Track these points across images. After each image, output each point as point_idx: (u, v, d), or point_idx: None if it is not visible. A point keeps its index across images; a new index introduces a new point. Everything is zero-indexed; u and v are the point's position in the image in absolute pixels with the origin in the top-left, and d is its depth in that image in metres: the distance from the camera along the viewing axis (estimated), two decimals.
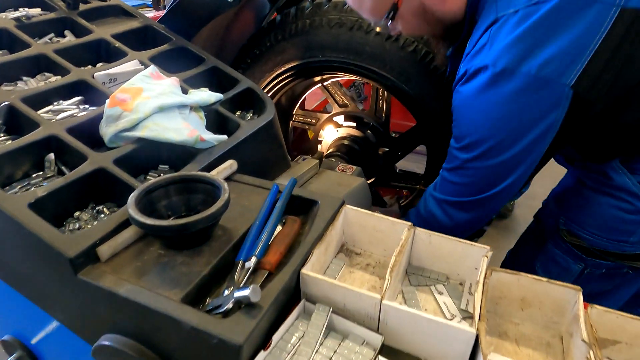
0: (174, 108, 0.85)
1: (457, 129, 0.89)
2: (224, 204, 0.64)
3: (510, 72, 0.77)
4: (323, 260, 0.71)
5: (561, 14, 0.74)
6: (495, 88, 0.79)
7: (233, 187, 0.82)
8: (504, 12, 0.79)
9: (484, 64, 0.78)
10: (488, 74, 0.79)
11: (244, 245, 0.65)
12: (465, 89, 0.83)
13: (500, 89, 0.78)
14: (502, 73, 0.77)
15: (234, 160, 0.85)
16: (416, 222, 1.06)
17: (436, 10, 0.88)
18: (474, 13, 0.87)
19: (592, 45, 0.73)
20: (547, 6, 0.74)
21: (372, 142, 1.43)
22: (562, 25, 0.74)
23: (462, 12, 0.88)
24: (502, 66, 0.77)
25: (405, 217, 1.10)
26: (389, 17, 0.89)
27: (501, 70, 0.77)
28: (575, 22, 0.74)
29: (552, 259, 1.02)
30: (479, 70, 0.80)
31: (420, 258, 0.74)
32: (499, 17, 0.79)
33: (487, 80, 0.79)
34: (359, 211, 0.75)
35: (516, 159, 0.83)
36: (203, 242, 0.67)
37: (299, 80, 1.33)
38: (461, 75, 0.84)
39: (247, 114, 1.08)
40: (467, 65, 0.83)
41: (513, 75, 0.76)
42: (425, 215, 0.99)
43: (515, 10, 0.77)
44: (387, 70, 1.12)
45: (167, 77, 0.95)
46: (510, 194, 0.89)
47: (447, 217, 0.95)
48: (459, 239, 0.69)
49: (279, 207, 0.73)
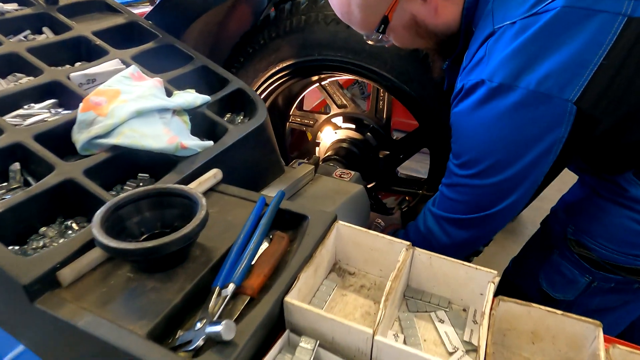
0: (153, 112, 0.78)
1: (455, 145, 0.85)
2: (200, 223, 0.58)
3: (508, 87, 0.72)
4: (312, 283, 0.65)
5: (561, 25, 0.69)
6: (492, 104, 0.74)
7: (216, 200, 0.75)
8: (501, 23, 0.74)
9: (480, 78, 0.74)
10: (484, 90, 0.74)
11: (222, 268, 0.59)
12: (462, 105, 0.79)
13: (497, 104, 0.74)
14: (499, 88, 0.73)
15: (218, 169, 0.79)
16: (414, 237, 1.00)
17: (429, 23, 0.84)
18: (470, 24, 0.83)
19: (595, 59, 0.68)
20: (546, 17, 0.69)
21: (372, 145, 1.36)
22: (563, 37, 0.69)
23: (457, 24, 0.84)
24: (499, 81, 0.72)
25: (404, 231, 1.04)
26: (380, 30, 0.85)
27: (498, 85, 0.73)
28: (576, 34, 0.68)
29: (557, 270, 0.96)
30: (476, 85, 0.76)
31: (419, 280, 0.67)
32: (495, 30, 0.75)
33: (484, 95, 0.74)
34: (353, 228, 0.68)
35: (517, 178, 0.78)
36: (177, 264, 0.60)
37: (295, 80, 1.26)
38: (458, 90, 0.80)
39: (237, 117, 1.01)
40: (463, 80, 0.79)
41: (510, 90, 0.72)
42: (424, 231, 0.94)
43: (512, 22, 0.73)
44: (388, 70, 1.05)
45: (150, 78, 0.88)
46: (513, 213, 0.85)
47: (445, 234, 0.90)
48: (463, 262, 0.62)
49: (263, 224, 0.66)
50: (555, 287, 0.95)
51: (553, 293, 0.96)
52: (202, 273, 0.59)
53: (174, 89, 0.93)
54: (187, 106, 0.86)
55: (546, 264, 0.97)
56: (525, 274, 1.03)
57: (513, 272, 1.08)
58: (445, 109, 1.06)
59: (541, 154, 0.76)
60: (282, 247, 0.67)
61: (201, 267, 0.60)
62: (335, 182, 1.10)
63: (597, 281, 0.91)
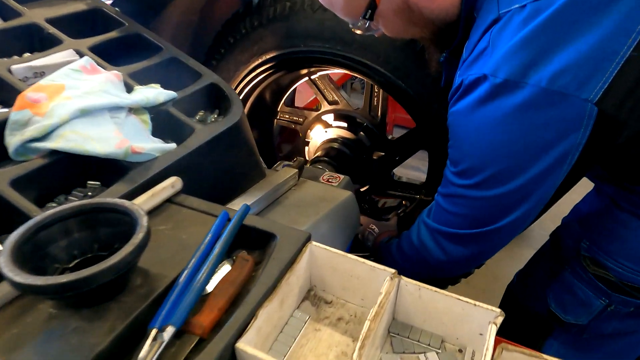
0: (103, 111, 0.68)
1: (452, 150, 0.74)
2: (135, 250, 0.47)
3: (515, 84, 0.61)
4: (278, 316, 0.54)
5: (581, 9, 0.57)
6: (496, 103, 0.63)
7: (172, 213, 0.65)
8: (507, 7, 0.62)
9: (482, 73, 0.63)
10: (487, 86, 0.63)
11: (164, 304, 0.48)
12: (461, 104, 0.68)
13: (502, 104, 0.62)
14: (504, 85, 0.61)
15: (177, 177, 0.68)
16: (408, 250, 0.89)
17: (423, 8, 0.72)
18: (472, 10, 0.70)
19: (623, 50, 0.56)
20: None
21: (365, 146, 1.25)
22: (583, 24, 0.58)
23: (456, 10, 0.72)
24: (505, 76, 0.61)
25: (397, 242, 0.93)
26: (367, 16, 0.73)
27: (503, 81, 0.61)
28: (599, 20, 0.57)
29: (568, 290, 0.85)
30: (477, 81, 0.64)
31: (407, 313, 0.56)
32: (501, 15, 0.63)
33: (486, 93, 0.63)
34: (329, 251, 0.58)
35: (524, 191, 0.67)
36: (110, 297, 0.50)
37: (281, 73, 1.14)
38: (456, 86, 0.68)
39: (210, 115, 0.90)
40: (463, 74, 0.67)
41: (518, 88, 0.61)
42: (417, 245, 0.84)
43: (521, 5, 0.61)
44: (381, 64, 0.94)
45: (107, 72, 0.78)
46: (519, 229, 0.74)
47: (440, 250, 0.80)
48: (459, 296, 0.51)
49: (221, 245, 0.55)
50: (566, 309, 0.84)
51: (563, 315, 0.85)
52: (139, 309, 0.48)
53: (136, 83, 0.82)
54: (146, 103, 0.75)
55: (556, 282, 0.86)
56: (532, 292, 0.92)
57: (518, 288, 0.97)
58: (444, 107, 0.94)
59: (553, 163, 0.64)
60: (245, 272, 0.56)
61: (140, 301, 0.49)
62: (322, 188, 0.99)
63: (615, 305, 0.80)
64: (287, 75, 1.21)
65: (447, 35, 0.76)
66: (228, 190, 0.85)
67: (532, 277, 0.94)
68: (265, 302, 0.50)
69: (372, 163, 1.25)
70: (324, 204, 0.92)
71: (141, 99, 0.74)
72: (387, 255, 1.00)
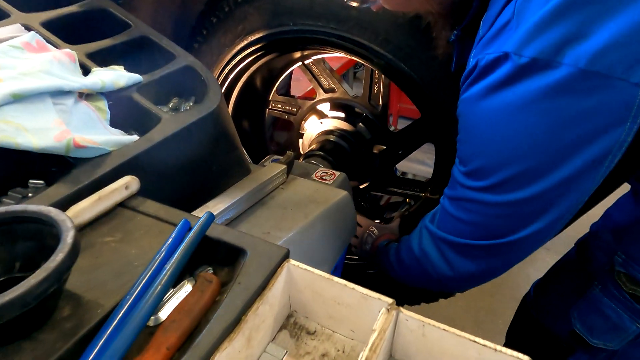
0: (44, 96, 0.56)
1: (462, 145, 0.62)
2: (51, 275, 0.36)
3: (546, 63, 0.49)
4: (244, 357, 0.43)
5: None
6: (519, 87, 0.51)
7: (123, 221, 0.53)
8: None
9: (502, 51, 0.51)
10: (509, 67, 0.51)
11: (92, 345, 0.37)
12: (475, 89, 0.56)
13: (527, 88, 0.51)
14: (532, 65, 0.49)
15: (133, 177, 0.57)
16: (407, 259, 0.78)
17: None
18: None
19: None
20: None
21: (365, 138, 1.13)
22: None
23: None
24: (533, 54, 0.49)
25: (396, 248, 0.82)
26: None
27: (530, 60, 0.49)
28: None
29: (597, 310, 0.73)
30: (496, 61, 0.52)
31: (407, 353, 0.45)
32: None
33: (507, 75, 0.51)
34: (312, 272, 0.46)
35: (549, 197, 0.56)
36: (25, 334, 0.39)
37: (269, 57, 1.02)
38: (470, 69, 0.56)
39: (185, 103, 0.79)
40: (479, 54, 0.55)
41: (549, 68, 0.49)
42: (418, 253, 0.73)
43: None
44: (380, 44, 0.81)
45: (59, 50, 0.66)
46: (540, 243, 0.62)
47: (445, 262, 0.68)
48: (474, 338, 0.39)
49: (173, 264, 0.44)
50: (594, 332, 0.73)
51: (590, 338, 0.73)
52: (61, 351, 0.37)
53: (95, 65, 0.70)
54: (101, 88, 0.64)
55: (583, 300, 0.74)
56: (552, 310, 0.81)
57: (535, 304, 0.85)
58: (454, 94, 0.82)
59: (588, 164, 0.53)
60: (206, 296, 0.45)
61: (63, 339, 0.38)
62: (313, 187, 0.87)
63: None
64: (277, 59, 1.09)
65: (458, 9, 0.64)
66: (203, 191, 0.74)
67: (553, 293, 0.82)
68: (223, 344, 0.39)
69: (373, 157, 1.13)
70: (315, 205, 0.81)
71: (94, 83, 0.62)
72: (385, 262, 0.89)
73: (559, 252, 1.31)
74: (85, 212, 0.51)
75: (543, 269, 0.93)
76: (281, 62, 1.18)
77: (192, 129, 0.69)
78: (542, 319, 0.81)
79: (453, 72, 0.73)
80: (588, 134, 0.51)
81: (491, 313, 1.69)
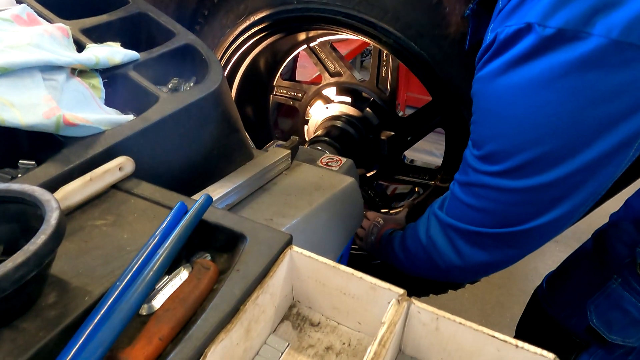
0: (34, 71, 0.53)
1: (477, 127, 0.58)
2: (30, 259, 0.33)
3: (573, 34, 0.45)
4: (242, 349, 0.40)
5: None
6: (543, 61, 0.47)
7: (116, 204, 0.50)
8: None
9: (524, 22, 0.47)
10: (532, 39, 0.47)
11: (77, 335, 0.34)
12: (493, 65, 0.52)
13: (552, 62, 0.47)
14: (558, 37, 0.45)
15: (127, 157, 0.53)
16: (413, 247, 0.74)
17: None
18: None
19: None
20: None
21: (372, 124, 1.09)
22: None
23: None
24: (559, 24, 0.45)
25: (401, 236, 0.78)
26: None
27: (556, 31, 0.45)
28: None
29: (617, 305, 0.70)
30: (518, 33, 0.48)
31: (418, 347, 0.42)
32: None
33: (530, 48, 0.47)
34: (316, 260, 0.43)
35: (571, 181, 0.52)
36: (6, 322, 0.36)
37: (273, 38, 0.98)
38: (488, 44, 0.52)
39: (186, 84, 0.75)
40: (498, 27, 0.51)
41: (577, 39, 0.45)
42: (425, 241, 0.69)
43: None
44: (389, 22, 0.77)
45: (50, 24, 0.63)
46: (557, 232, 0.58)
47: (454, 251, 0.65)
48: (493, 332, 0.36)
49: (167, 249, 0.41)
50: (612, 328, 0.69)
51: (608, 334, 0.70)
52: (43, 341, 0.35)
53: (89, 42, 0.67)
54: (95, 64, 0.60)
55: (600, 293, 0.71)
56: (567, 304, 0.77)
57: (548, 298, 0.82)
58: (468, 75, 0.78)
59: (616, 145, 0.49)
60: (203, 284, 0.42)
61: (47, 329, 0.35)
62: (319, 173, 0.84)
63: None
64: (281, 41, 1.05)
65: None
66: (203, 175, 0.71)
67: (568, 286, 0.78)
68: (219, 335, 0.36)
69: (380, 144, 1.09)
70: (320, 192, 0.77)
71: (88, 59, 0.59)
72: (389, 252, 0.86)
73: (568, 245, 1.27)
74: (76, 194, 0.48)
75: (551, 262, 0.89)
76: (285, 44, 1.14)
77: (192, 110, 0.66)
78: (556, 314, 0.78)
79: (467, 49, 0.68)
80: (618, 113, 0.47)
81: (499, 306, 1.66)
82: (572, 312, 0.75)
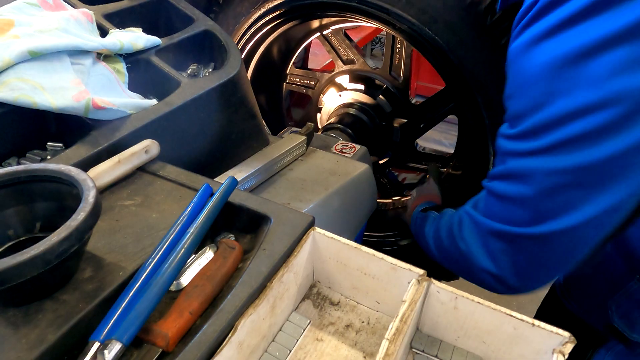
0: (62, 55, 0.54)
1: (514, 101, 0.51)
2: (72, 234, 0.34)
3: None
4: (267, 325, 0.42)
5: None
6: (600, 22, 0.41)
7: (143, 185, 0.52)
8: None
9: None
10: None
11: (113, 308, 0.36)
12: (535, 30, 0.46)
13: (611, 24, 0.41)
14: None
15: (153, 140, 0.55)
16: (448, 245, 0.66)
17: None
18: None
19: None
20: None
21: (385, 111, 1.09)
22: None
23: None
24: None
25: (436, 219, 0.73)
26: None
27: None
28: None
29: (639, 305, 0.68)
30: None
31: (436, 325, 0.43)
32: None
33: (584, 7, 0.42)
34: (338, 241, 0.44)
35: (631, 156, 0.44)
36: (47, 293, 0.38)
37: (287, 26, 0.98)
38: (528, 5, 0.47)
39: (205, 69, 0.76)
40: None
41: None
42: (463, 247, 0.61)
43: None
44: (403, 7, 0.77)
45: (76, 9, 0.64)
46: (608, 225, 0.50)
47: (489, 258, 0.58)
48: (510, 311, 0.37)
49: (196, 229, 0.43)
50: (635, 327, 0.67)
51: (629, 333, 0.68)
52: (82, 312, 0.37)
53: (112, 27, 0.68)
54: (119, 49, 0.61)
55: (622, 292, 0.67)
56: (586, 301, 0.75)
57: (567, 294, 0.79)
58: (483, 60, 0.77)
59: None
60: (229, 263, 0.44)
61: (85, 301, 0.37)
62: (333, 159, 0.85)
63: None
64: (295, 29, 1.05)
65: None
66: (221, 160, 0.72)
67: (587, 284, 0.76)
68: (248, 310, 0.37)
69: (393, 131, 1.09)
70: (335, 178, 0.79)
71: (113, 44, 0.60)
72: (420, 233, 0.78)
73: None
74: (105, 175, 0.50)
75: None
76: (299, 32, 1.14)
77: (212, 95, 0.67)
78: (575, 309, 0.76)
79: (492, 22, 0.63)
80: None
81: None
82: (591, 309, 0.73)
